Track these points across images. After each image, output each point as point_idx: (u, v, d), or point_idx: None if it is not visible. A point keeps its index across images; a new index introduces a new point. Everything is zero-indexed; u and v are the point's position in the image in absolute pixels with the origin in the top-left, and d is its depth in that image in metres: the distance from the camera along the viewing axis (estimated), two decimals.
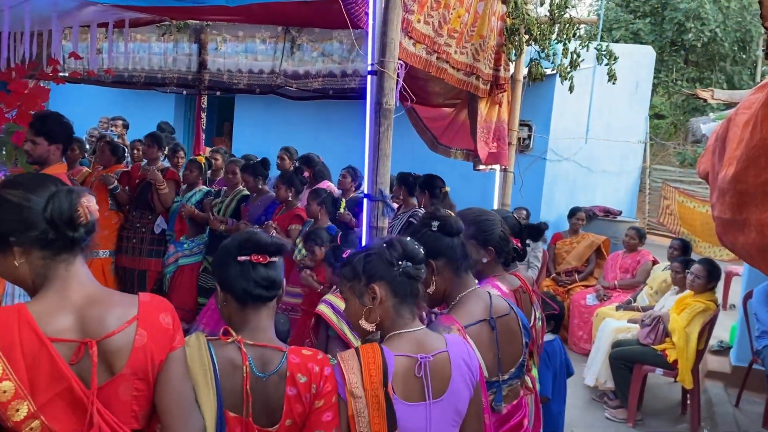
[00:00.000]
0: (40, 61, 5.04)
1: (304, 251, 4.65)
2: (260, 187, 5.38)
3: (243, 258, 1.76)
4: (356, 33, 2.85)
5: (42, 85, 5.03)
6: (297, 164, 6.42)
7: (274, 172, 6.01)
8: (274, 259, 1.79)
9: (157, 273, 5.64)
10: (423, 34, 2.94)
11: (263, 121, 9.23)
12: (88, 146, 7.51)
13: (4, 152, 4.52)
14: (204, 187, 5.88)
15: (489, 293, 2.26)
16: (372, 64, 2.44)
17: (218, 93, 7.03)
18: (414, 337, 1.88)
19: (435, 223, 2.17)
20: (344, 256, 3.21)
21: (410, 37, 2.86)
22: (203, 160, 6.03)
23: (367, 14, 2.47)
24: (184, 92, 7.54)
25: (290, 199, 5.11)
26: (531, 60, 4.78)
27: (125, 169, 5.82)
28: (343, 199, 5.05)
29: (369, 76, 2.46)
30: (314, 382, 1.74)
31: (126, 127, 8.06)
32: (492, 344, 2.15)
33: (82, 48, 5.49)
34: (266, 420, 1.72)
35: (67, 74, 5.95)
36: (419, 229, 2.21)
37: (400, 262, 1.88)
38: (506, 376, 2.22)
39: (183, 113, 9.94)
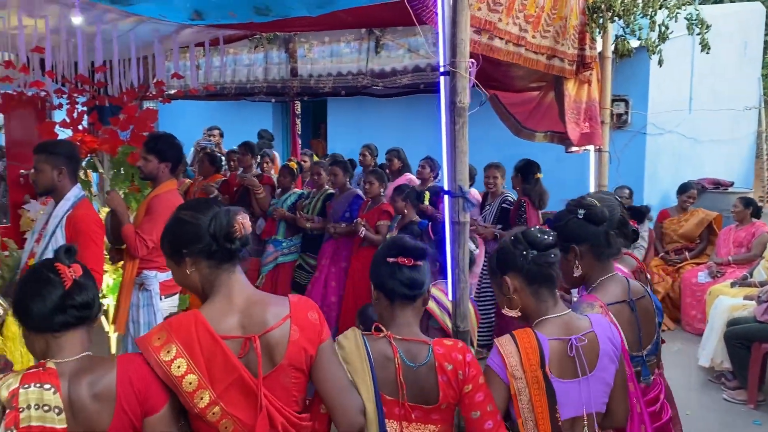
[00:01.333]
0: (148, 84, 5.47)
1: None
2: (347, 184, 5.63)
3: (391, 260, 2.00)
4: (427, 29, 2.91)
5: (151, 106, 5.44)
6: (386, 158, 6.63)
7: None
8: (419, 262, 2.01)
9: (256, 272, 6.02)
10: (491, 22, 2.95)
11: (355, 120, 9.45)
12: (192, 157, 8.05)
13: (122, 171, 4.96)
14: (297, 189, 6.18)
15: (627, 278, 2.41)
16: (444, 65, 2.51)
17: (306, 98, 7.29)
18: (561, 321, 2.05)
19: (581, 212, 2.31)
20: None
21: (483, 30, 2.90)
22: (295, 165, 6.37)
23: (435, 12, 2.54)
24: (273, 100, 7.87)
25: (381, 194, 5.25)
26: (616, 37, 4.63)
27: (224, 178, 6.23)
28: (427, 192, 5.15)
29: (442, 77, 2.52)
30: (460, 369, 1.94)
31: (221, 135, 8.55)
32: (633, 324, 2.29)
33: (183, 67, 5.89)
34: (421, 401, 1.95)
35: (172, 92, 6.40)
36: (565, 216, 2.36)
37: (525, 252, 2.05)
38: (645, 353, 2.37)
39: (280, 119, 10.35)
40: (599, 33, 4.35)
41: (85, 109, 5.18)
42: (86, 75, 4.74)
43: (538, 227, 2.12)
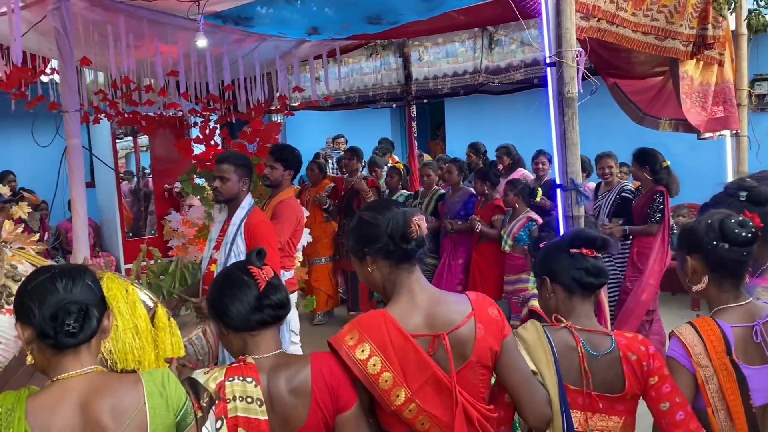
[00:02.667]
0: (272, 99, 5.79)
1: (510, 242, 4.84)
2: (460, 182, 5.74)
3: (575, 250, 2.01)
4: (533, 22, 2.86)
5: (275, 120, 5.75)
6: (495, 155, 6.60)
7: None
8: (601, 252, 2.03)
9: None
10: (597, 7, 2.85)
11: (472, 119, 9.39)
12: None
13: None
14: (405, 191, 6.29)
15: None
16: (550, 56, 2.45)
17: (425, 101, 7.36)
18: (744, 309, 2.00)
19: (743, 193, 2.20)
20: (541, 245, 3.29)
21: (591, 16, 2.80)
22: (402, 167, 6.48)
23: (539, 4, 2.49)
24: (394, 105, 8.02)
25: (487, 191, 5.31)
26: (750, 11, 4.28)
27: (333, 184, 6.48)
28: (539, 187, 5.15)
29: (548, 68, 2.47)
30: (644, 360, 1.95)
31: (347, 143, 8.83)
32: None
33: (303, 80, 6.16)
34: (606, 390, 1.96)
35: (295, 104, 6.72)
36: (725, 199, 2.25)
37: (715, 242, 1.98)
38: None
39: (398, 124, 10.50)
40: (730, 9, 4.05)
41: (216, 125, 5.57)
42: (217, 94, 5.10)
43: (741, 217, 2.00)
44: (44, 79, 5.20)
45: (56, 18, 3.71)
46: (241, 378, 1.68)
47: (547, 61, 2.47)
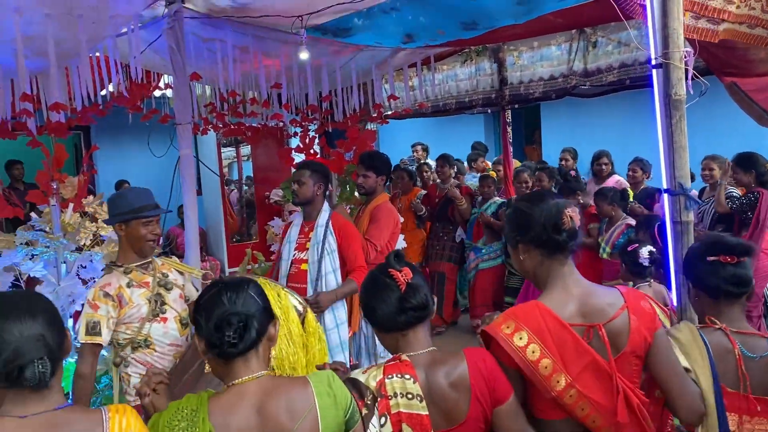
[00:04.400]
0: (367, 108, 5.91)
1: (609, 249, 4.73)
2: (552, 188, 5.68)
3: (712, 258, 2.01)
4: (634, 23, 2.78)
5: (370, 128, 5.87)
6: (593, 161, 6.44)
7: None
8: (742, 259, 2.00)
9: (454, 277, 6.23)
10: (704, 5, 2.72)
11: (568, 123, 9.17)
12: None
13: (347, 188, 5.42)
14: (498, 199, 6.22)
15: None
16: (656, 58, 2.38)
17: (516, 106, 7.28)
18: None
19: None
20: (629, 249, 3.22)
21: (701, 16, 2.68)
22: (495, 174, 6.42)
23: (641, 4, 2.42)
24: (489, 110, 7.97)
25: (581, 201, 5.27)
26: None
27: (424, 191, 6.52)
28: (630, 191, 5.05)
29: (654, 70, 2.40)
30: None
31: (425, 150, 8.83)
32: None
33: (398, 88, 6.26)
34: (763, 393, 1.94)
35: (389, 113, 6.82)
36: None
37: None
38: None
39: (492, 129, 10.41)
40: None
41: (315, 135, 5.76)
42: (316, 104, 5.28)
43: None
44: (156, 93, 5.57)
45: (171, 36, 3.98)
46: (399, 375, 1.73)
47: (653, 62, 2.40)
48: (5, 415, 1.41)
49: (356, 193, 5.35)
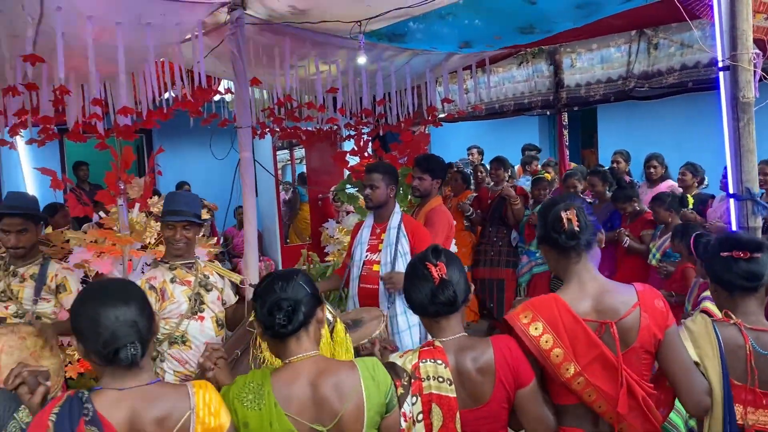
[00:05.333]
0: (421, 111, 5.93)
1: (659, 255, 4.63)
2: (605, 194, 5.57)
3: (725, 254, 2.10)
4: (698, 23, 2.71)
5: (424, 131, 5.89)
6: (645, 165, 6.32)
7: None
8: (756, 254, 2.07)
9: (514, 282, 6.11)
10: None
11: (626, 126, 8.97)
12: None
13: (401, 191, 5.44)
14: None
15: None
16: (723, 60, 2.33)
17: (575, 108, 7.18)
18: None
19: None
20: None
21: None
22: (549, 177, 6.32)
23: (709, 5, 2.37)
24: (547, 113, 7.88)
25: (637, 207, 5.21)
26: None
27: (475, 194, 6.46)
28: (690, 197, 4.95)
29: (721, 72, 2.34)
30: None
31: (480, 153, 8.77)
32: None
33: (452, 91, 6.25)
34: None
35: (442, 115, 6.82)
36: None
37: None
38: None
39: (547, 132, 10.27)
40: None
41: (369, 138, 5.81)
42: (370, 108, 5.33)
43: None
44: (215, 97, 5.72)
45: (232, 42, 4.09)
46: (432, 360, 1.91)
47: (720, 65, 2.34)
48: (106, 388, 1.60)
49: (409, 196, 5.38)
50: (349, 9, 3.95)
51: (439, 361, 1.90)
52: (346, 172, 6.45)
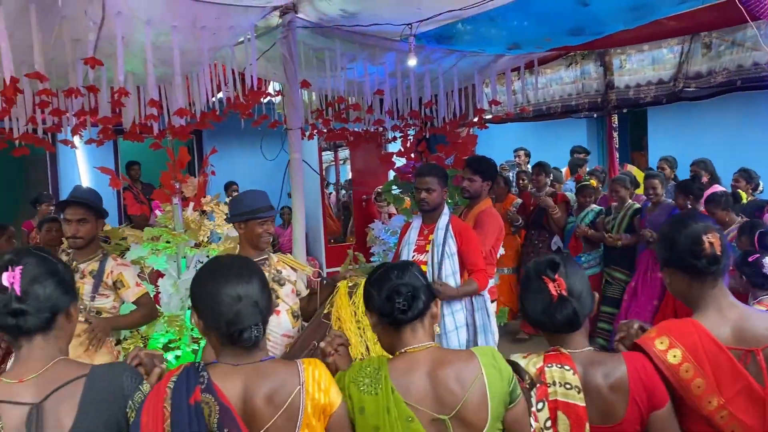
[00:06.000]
0: (468, 112, 5.92)
1: None
2: (662, 195, 5.49)
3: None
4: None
5: (471, 132, 5.87)
6: (691, 170, 6.22)
7: None
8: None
9: None
10: None
11: (677, 129, 8.75)
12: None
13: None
14: (596, 206, 6.05)
15: None
16: None
17: (624, 110, 7.06)
18: None
19: None
20: (750, 259, 3.07)
21: None
22: (595, 184, 6.24)
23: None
24: (595, 115, 7.76)
25: (690, 205, 5.10)
26: None
27: (520, 200, 6.42)
28: (742, 192, 4.91)
29: None
30: None
31: (527, 155, 8.67)
32: None
33: (499, 92, 6.23)
34: None
35: (488, 117, 6.79)
36: None
37: None
38: None
39: (595, 134, 10.09)
40: None
41: (415, 139, 5.83)
42: (417, 110, 5.35)
43: None
44: (263, 99, 5.82)
45: (284, 45, 4.17)
46: (559, 365, 1.80)
47: None
48: (222, 362, 1.65)
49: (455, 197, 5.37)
50: (400, 11, 3.97)
51: (567, 367, 1.79)
52: (391, 174, 6.49)
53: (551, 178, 6.72)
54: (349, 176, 10.12)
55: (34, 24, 3.13)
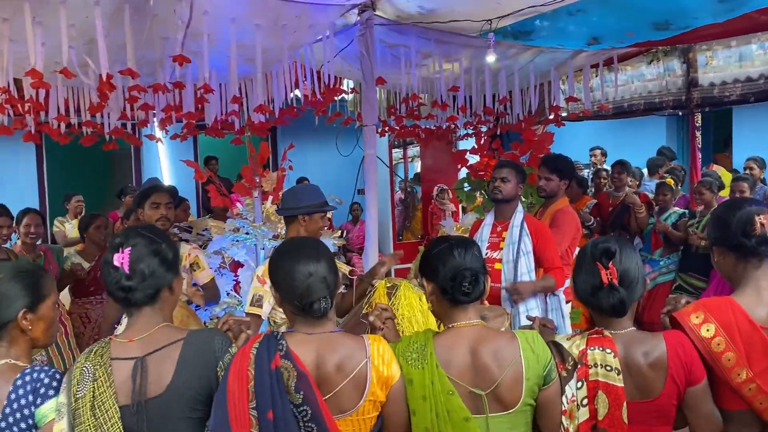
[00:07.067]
0: (543, 110, 5.82)
1: None
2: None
3: None
4: None
5: (547, 130, 5.77)
6: None
7: None
8: None
9: None
10: None
11: (763, 128, 8.35)
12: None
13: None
14: (678, 209, 5.82)
15: None
16: None
17: (707, 109, 6.76)
18: None
19: None
20: None
21: None
22: (673, 182, 6.00)
23: None
24: (680, 113, 7.47)
25: None
26: None
27: (594, 201, 6.22)
28: None
29: None
30: None
31: (604, 155, 8.41)
32: None
33: (576, 89, 6.09)
34: None
35: (563, 114, 6.64)
36: None
37: None
38: None
39: (676, 134, 9.72)
40: None
41: (489, 136, 5.77)
42: (491, 107, 5.30)
43: None
44: (337, 96, 5.90)
45: (361, 42, 4.21)
46: (601, 348, 1.89)
47: None
48: (297, 332, 1.83)
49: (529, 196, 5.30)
50: (478, 7, 3.95)
51: (608, 350, 1.88)
52: (462, 173, 6.45)
53: (632, 177, 6.51)
54: (418, 173, 10.13)
55: (128, 23, 3.29)
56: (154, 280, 1.78)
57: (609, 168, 7.35)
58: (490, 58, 4.21)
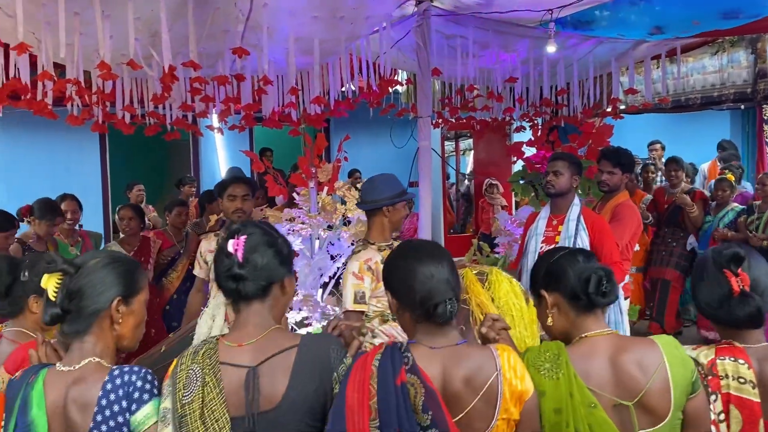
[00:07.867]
0: (601, 101, 5.69)
1: None
2: None
3: None
4: None
5: (606, 122, 5.64)
6: None
7: None
8: None
9: (680, 287, 5.83)
10: None
11: None
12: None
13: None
14: (736, 205, 5.59)
15: None
16: None
17: None
18: None
19: None
20: None
21: None
22: (732, 178, 5.78)
23: None
24: (742, 106, 7.19)
25: None
26: None
27: (650, 196, 6.06)
28: None
29: None
30: None
31: (663, 149, 8.15)
32: None
33: (637, 81, 5.92)
34: None
35: (622, 107, 6.47)
36: None
37: None
38: None
39: (740, 128, 9.35)
40: None
41: (545, 129, 5.67)
42: (549, 98, 5.20)
43: None
44: (391, 88, 5.89)
45: (418, 34, 4.19)
46: (732, 358, 1.76)
47: None
48: (420, 344, 1.69)
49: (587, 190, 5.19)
50: None
51: (741, 361, 1.74)
52: (517, 166, 6.35)
53: (687, 173, 6.31)
54: (470, 166, 10.05)
55: (191, 16, 3.36)
56: (266, 272, 1.68)
57: (655, 162, 7.14)
58: (551, 49, 4.14)
